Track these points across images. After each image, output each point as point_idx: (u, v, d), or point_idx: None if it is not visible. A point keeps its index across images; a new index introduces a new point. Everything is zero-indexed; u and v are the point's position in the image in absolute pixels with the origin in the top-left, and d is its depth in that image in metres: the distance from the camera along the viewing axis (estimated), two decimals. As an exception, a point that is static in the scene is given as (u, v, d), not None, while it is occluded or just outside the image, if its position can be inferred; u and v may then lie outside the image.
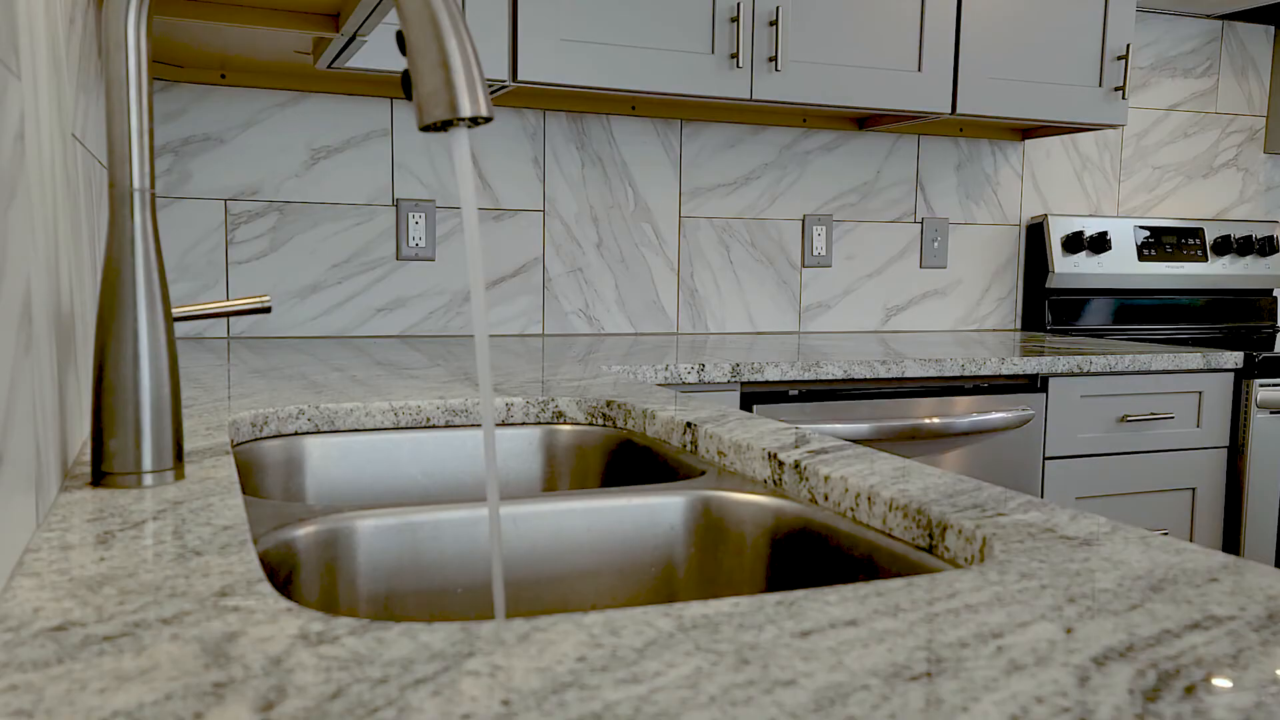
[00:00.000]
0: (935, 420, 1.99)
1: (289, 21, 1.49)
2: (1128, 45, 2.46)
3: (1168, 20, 3.00)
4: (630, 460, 1.25)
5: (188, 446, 0.94)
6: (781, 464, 0.94)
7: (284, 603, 0.52)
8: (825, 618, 0.51)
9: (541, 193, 2.36)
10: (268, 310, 0.87)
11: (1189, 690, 0.43)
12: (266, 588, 0.54)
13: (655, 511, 0.93)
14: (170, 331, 0.77)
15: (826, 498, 0.87)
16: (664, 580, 0.94)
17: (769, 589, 0.91)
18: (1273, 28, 3.16)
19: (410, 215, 2.25)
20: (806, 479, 0.90)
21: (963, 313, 2.80)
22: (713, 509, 0.93)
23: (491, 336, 2.32)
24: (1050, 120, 2.43)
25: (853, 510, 0.83)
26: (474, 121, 0.73)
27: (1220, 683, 0.43)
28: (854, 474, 0.86)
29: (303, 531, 0.77)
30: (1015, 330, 2.84)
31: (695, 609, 0.52)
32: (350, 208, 2.22)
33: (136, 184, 0.75)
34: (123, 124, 0.75)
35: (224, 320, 2.14)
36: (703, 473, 1.04)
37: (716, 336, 2.44)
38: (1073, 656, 0.46)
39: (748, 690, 0.42)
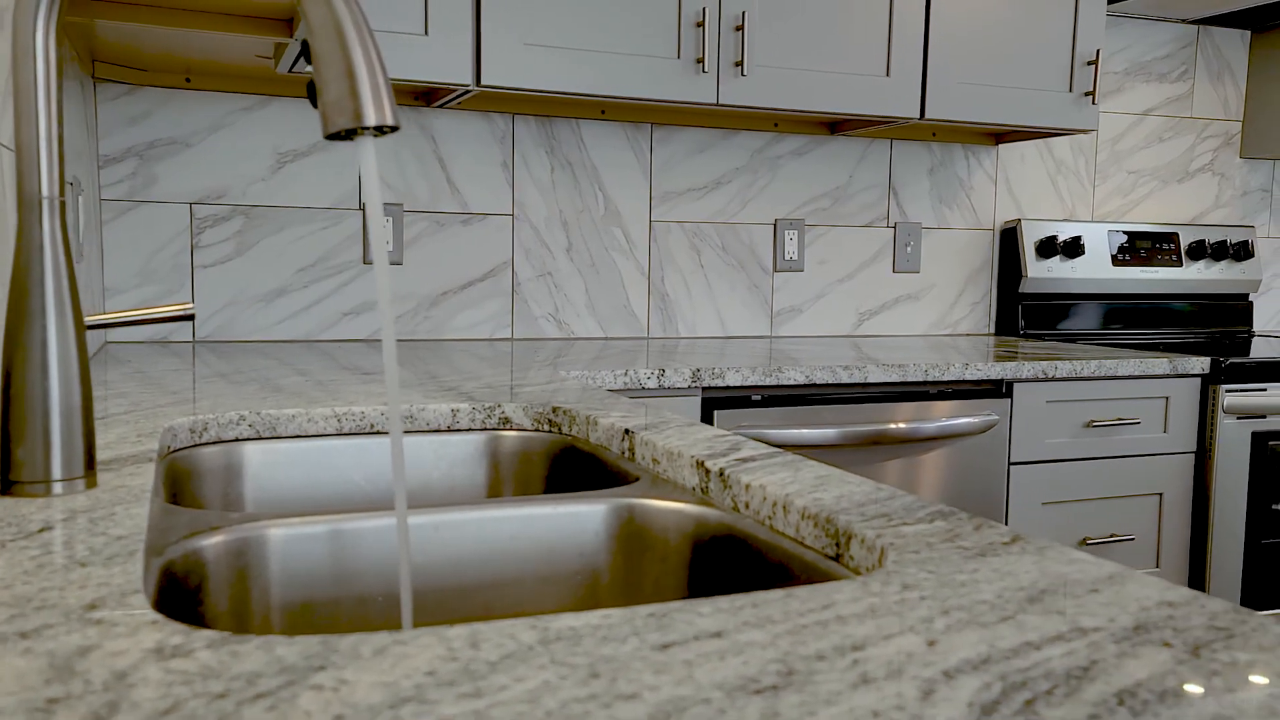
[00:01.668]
0: (901, 425, 2.00)
1: (240, 26, 1.49)
2: (1097, 50, 2.47)
3: (1142, 25, 3.01)
4: (574, 466, 1.25)
5: (115, 453, 0.94)
6: (708, 472, 0.94)
7: (151, 615, 0.52)
8: (692, 630, 0.51)
9: (511, 197, 2.36)
10: (191, 317, 0.87)
11: (1028, 704, 0.43)
12: (139, 600, 0.54)
13: (580, 519, 0.93)
14: (81, 339, 0.77)
15: (748, 505, 0.87)
16: (589, 587, 0.94)
17: (690, 596, 0.91)
18: (1248, 32, 3.17)
19: (378, 219, 2.24)
20: (730, 487, 0.90)
21: (936, 317, 2.80)
22: (636, 517, 0.93)
23: (460, 340, 2.32)
24: (1020, 125, 2.44)
25: (770, 519, 0.83)
26: (380, 130, 0.73)
27: (1060, 696, 0.43)
28: (773, 482, 0.86)
29: (211, 541, 0.77)
30: (989, 335, 2.84)
31: (564, 621, 0.52)
32: (317, 211, 2.21)
33: (45, 192, 0.75)
34: (31, 132, 0.74)
35: (190, 325, 2.14)
36: (638, 479, 1.04)
37: (687, 341, 2.44)
38: (925, 670, 0.46)
39: (586, 705, 0.42)
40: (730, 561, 0.87)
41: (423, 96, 2.26)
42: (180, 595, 0.74)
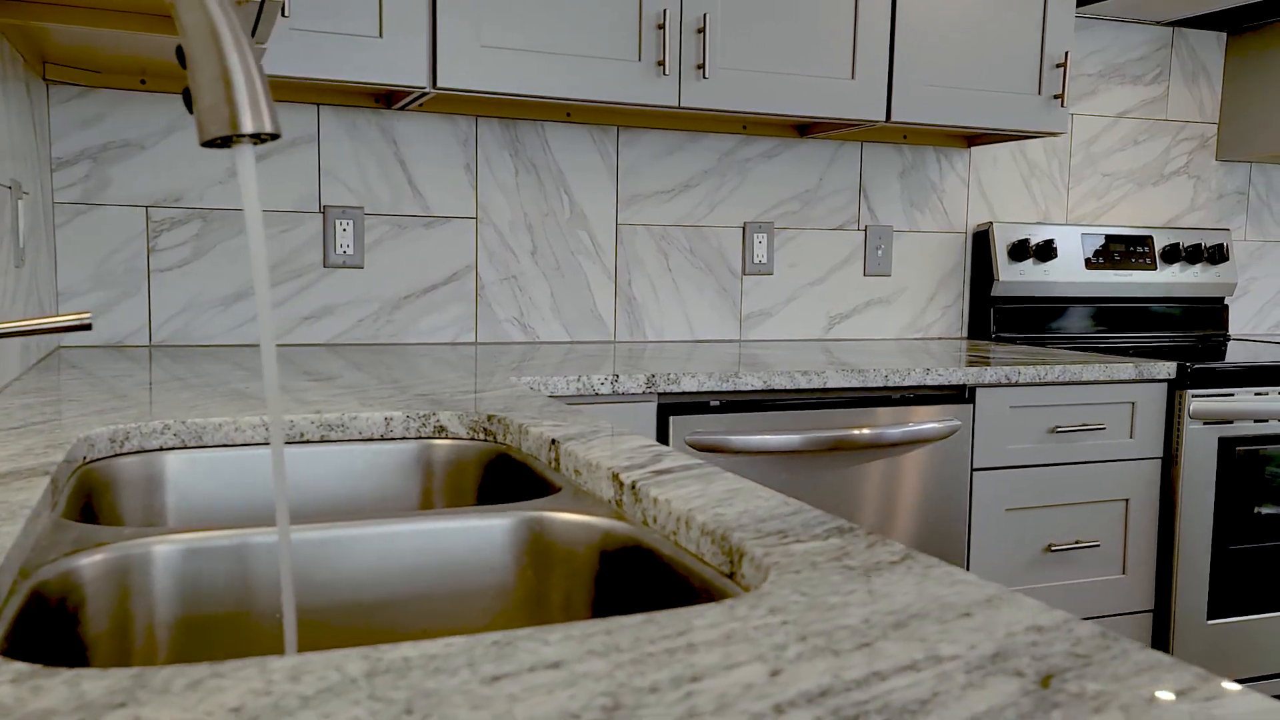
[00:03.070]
0: (863, 431, 1.98)
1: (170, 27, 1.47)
2: (1066, 53, 2.45)
3: (1116, 27, 2.99)
4: (507, 476, 1.23)
5: (13, 465, 0.92)
6: (622, 484, 0.92)
7: (-33, 644, 0.49)
8: (531, 659, 0.49)
9: (474, 200, 2.34)
10: (87, 327, 0.85)
11: (849, 744, 0.41)
12: (-35, 627, 0.52)
13: (488, 533, 0.91)
14: (-42, 352, 0.75)
15: (655, 520, 0.85)
16: (498, 601, 0.92)
17: (598, 612, 0.89)
18: (1224, 34, 3.15)
19: (338, 222, 2.22)
20: (640, 500, 0.88)
21: (907, 321, 2.79)
22: (545, 531, 0.91)
23: (423, 345, 2.30)
24: (988, 128, 2.42)
25: (675, 534, 0.81)
26: (258, 138, 0.71)
27: (886, 735, 0.42)
28: (680, 497, 0.84)
29: (91, 559, 0.75)
30: (961, 338, 2.82)
31: (401, 650, 0.50)
32: (276, 215, 2.19)
33: (-82, 200, 0.73)
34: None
35: (146, 328, 2.12)
36: (559, 490, 1.02)
37: (655, 345, 2.42)
38: (758, 703, 0.44)
39: (385, 745, 0.40)
40: (639, 576, 0.85)
41: (382, 99, 2.23)
42: (53, 618, 0.72)
